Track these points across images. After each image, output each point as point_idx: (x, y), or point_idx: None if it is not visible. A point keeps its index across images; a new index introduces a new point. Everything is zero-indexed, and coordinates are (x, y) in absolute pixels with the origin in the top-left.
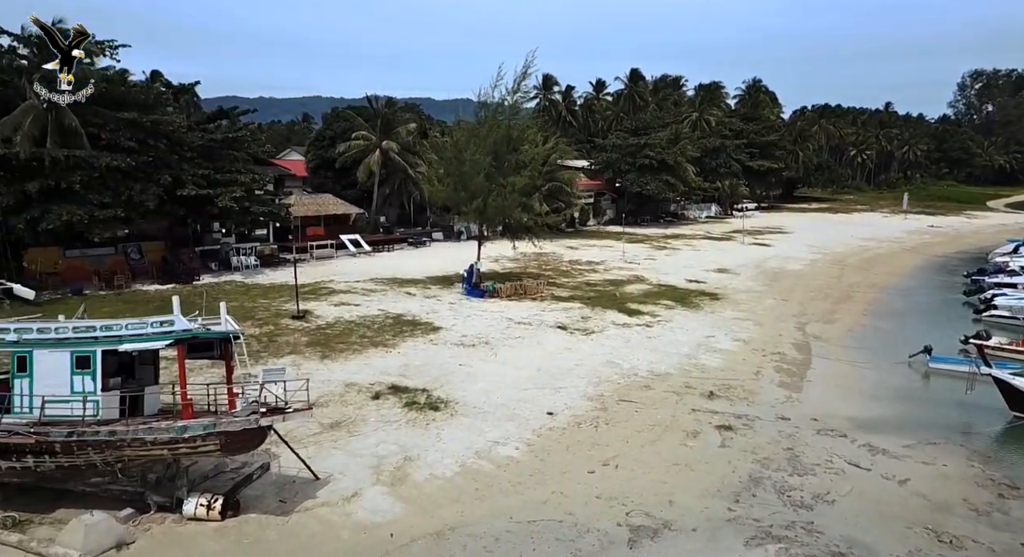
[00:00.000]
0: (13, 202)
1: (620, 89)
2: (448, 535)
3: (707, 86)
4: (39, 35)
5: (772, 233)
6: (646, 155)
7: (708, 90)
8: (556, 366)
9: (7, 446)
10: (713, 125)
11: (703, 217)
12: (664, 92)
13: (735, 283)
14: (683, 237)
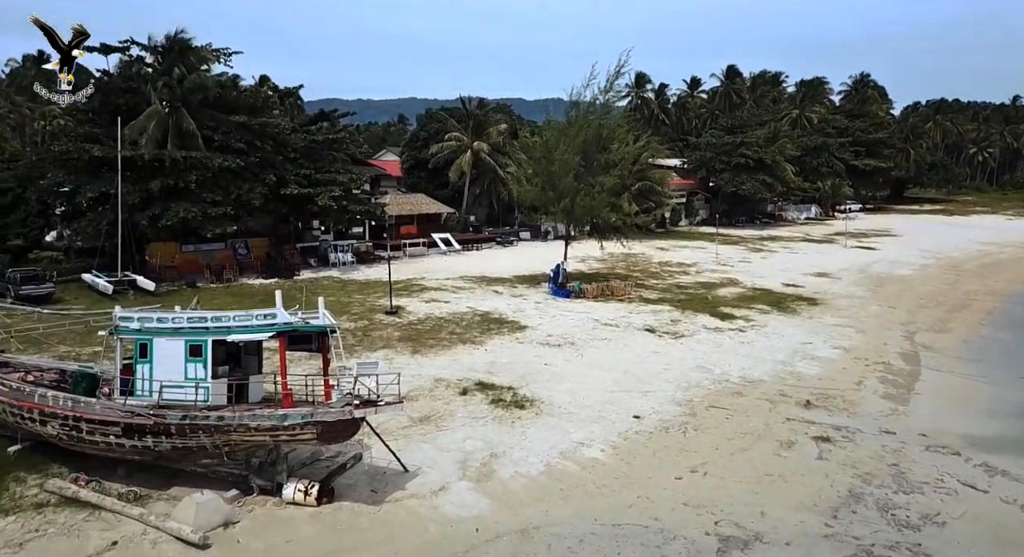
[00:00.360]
0: (138, 200)
1: (716, 86)
2: (533, 534)
3: (809, 82)
4: (163, 45)
5: (878, 236)
6: (742, 154)
7: (810, 86)
8: (643, 369)
9: (131, 426)
10: (815, 122)
11: (802, 218)
12: (762, 89)
13: (836, 288)
14: (780, 239)
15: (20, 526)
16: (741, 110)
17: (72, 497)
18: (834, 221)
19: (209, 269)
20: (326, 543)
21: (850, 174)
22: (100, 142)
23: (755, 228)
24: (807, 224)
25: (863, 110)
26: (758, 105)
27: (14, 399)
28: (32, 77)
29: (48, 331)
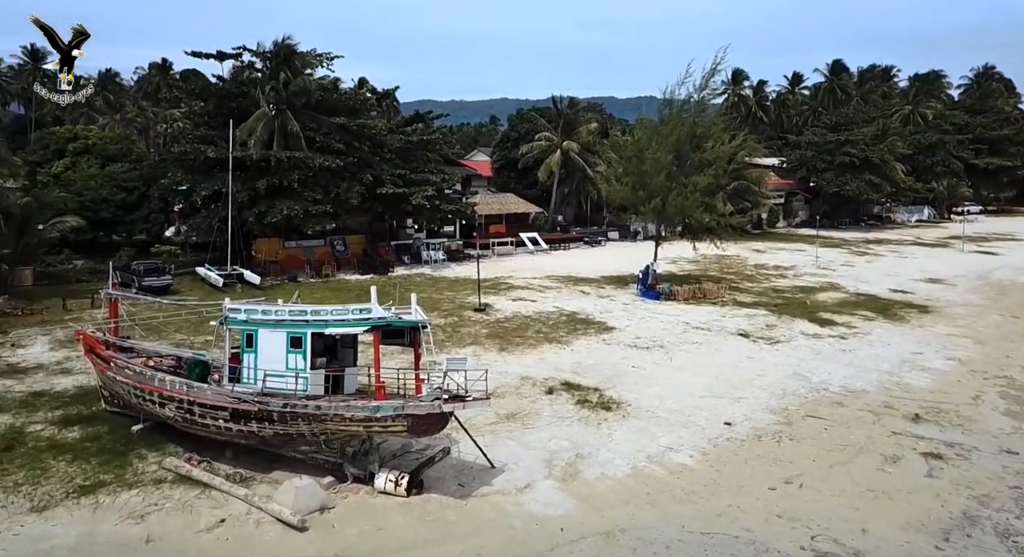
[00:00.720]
0: (246, 198)
1: (819, 82)
2: (618, 536)
3: (923, 76)
4: (271, 51)
5: (1001, 240)
6: (846, 152)
7: (925, 81)
8: (736, 375)
9: (237, 411)
10: (930, 119)
11: (913, 220)
12: (870, 84)
13: (950, 295)
14: (888, 242)
15: (141, 499)
16: (847, 107)
17: (186, 475)
18: (950, 224)
19: (309, 265)
20: (414, 533)
21: (969, 173)
22: (214, 144)
23: (860, 230)
24: (919, 227)
25: (986, 105)
26: (865, 101)
27: (138, 382)
28: (157, 83)
29: (166, 320)
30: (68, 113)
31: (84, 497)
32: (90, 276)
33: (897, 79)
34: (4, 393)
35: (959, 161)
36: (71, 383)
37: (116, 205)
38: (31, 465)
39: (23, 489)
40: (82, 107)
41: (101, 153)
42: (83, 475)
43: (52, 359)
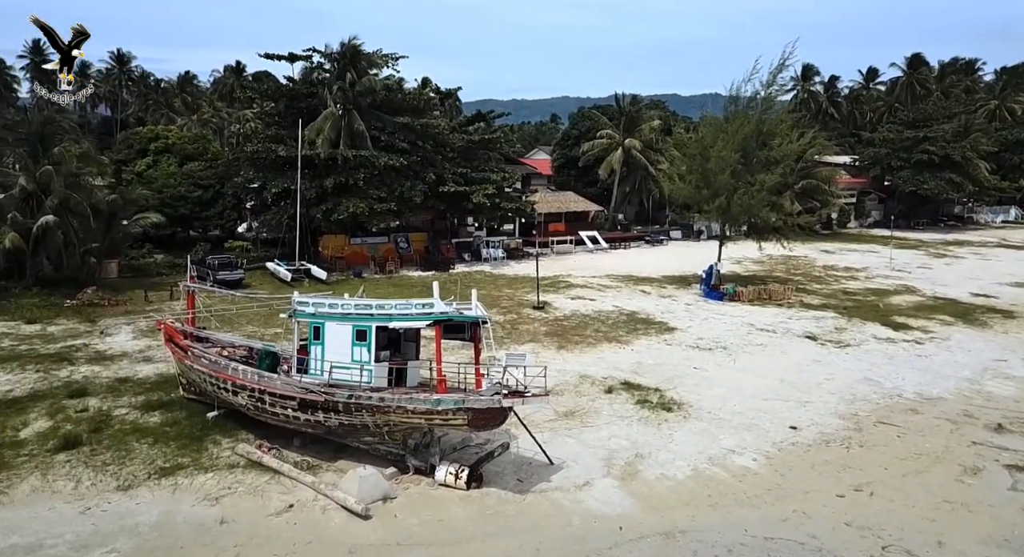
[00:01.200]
0: (314, 195)
1: (896, 77)
2: (678, 537)
3: (1012, 69)
4: (339, 52)
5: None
6: (925, 150)
7: (1013, 73)
8: (802, 378)
9: (305, 401)
10: (1018, 114)
11: (998, 221)
12: (952, 78)
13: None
14: (969, 244)
15: (216, 483)
16: (925, 102)
17: (257, 461)
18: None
19: (374, 261)
20: (474, 526)
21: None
22: (284, 143)
23: (938, 231)
24: (1004, 228)
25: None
26: (947, 96)
27: (213, 370)
28: (231, 85)
29: (239, 312)
30: (150, 115)
31: (164, 478)
32: (169, 269)
33: (982, 73)
34: (93, 378)
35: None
36: (152, 371)
37: (193, 202)
38: (117, 446)
39: (110, 468)
40: (162, 109)
41: (180, 152)
42: (163, 458)
43: (135, 347)
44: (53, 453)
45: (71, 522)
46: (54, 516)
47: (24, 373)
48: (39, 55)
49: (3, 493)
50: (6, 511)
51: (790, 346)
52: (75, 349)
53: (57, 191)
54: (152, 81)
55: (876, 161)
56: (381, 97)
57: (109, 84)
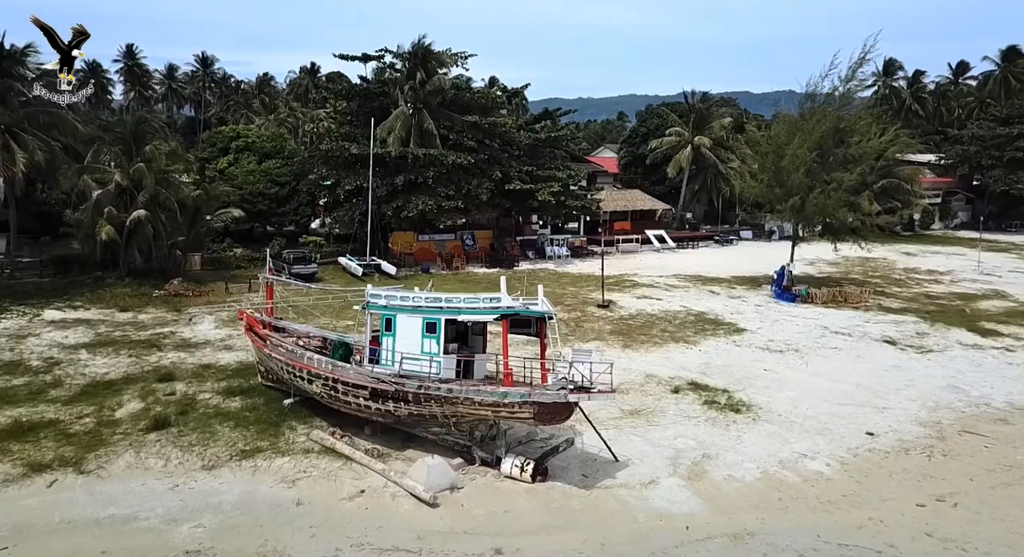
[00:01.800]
0: (385, 193)
1: (988, 71)
2: (747, 540)
3: None
4: (409, 51)
5: None
6: (1019, 147)
7: None
8: (880, 384)
9: (376, 390)
10: None
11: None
12: None
13: None
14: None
15: (293, 466)
16: (1021, 98)
17: (330, 448)
18: None
19: (440, 257)
20: (539, 518)
21: None
22: (356, 141)
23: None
24: None
25: None
26: None
27: (290, 359)
28: (306, 85)
29: (315, 304)
30: (230, 115)
31: (245, 460)
32: (247, 263)
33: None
34: (179, 364)
35: None
36: (233, 358)
37: (270, 198)
38: (202, 429)
39: (196, 449)
40: (242, 109)
41: (259, 150)
42: (244, 441)
43: (217, 336)
44: (145, 433)
45: (161, 497)
46: (146, 491)
47: (119, 357)
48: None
49: (101, 468)
50: (105, 484)
51: (867, 350)
52: (163, 336)
53: (148, 187)
54: (232, 83)
55: (964, 159)
56: (451, 96)
57: (194, 86)
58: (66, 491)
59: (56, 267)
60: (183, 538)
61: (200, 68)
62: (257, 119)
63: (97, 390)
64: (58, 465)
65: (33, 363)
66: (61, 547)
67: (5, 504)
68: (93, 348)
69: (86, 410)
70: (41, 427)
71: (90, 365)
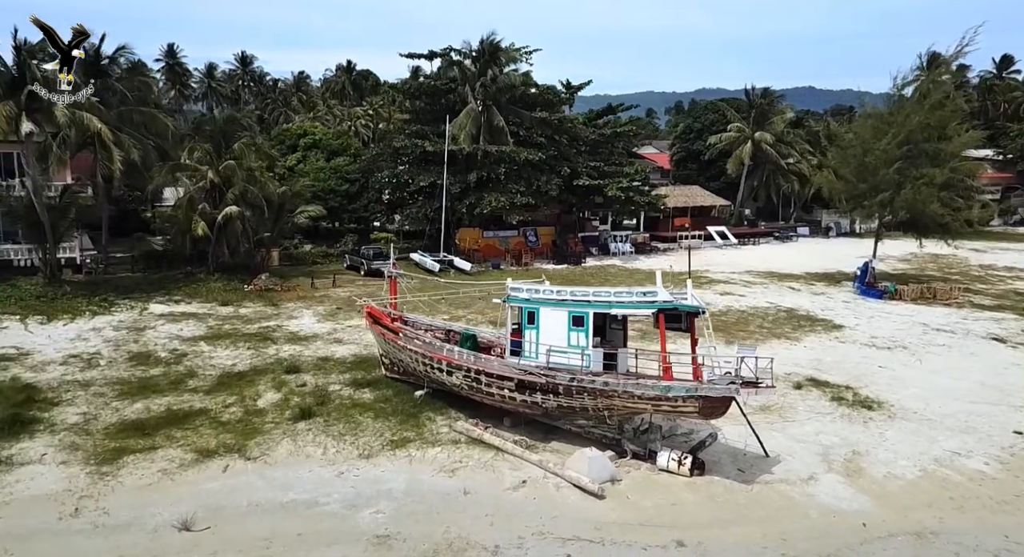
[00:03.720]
0: (458, 190)
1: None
2: (931, 539)
3: None
4: (476, 49)
5: None
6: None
7: None
8: (1006, 382)
9: (523, 382)
10: None
11: None
12: None
13: None
14: None
15: (447, 456)
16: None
17: (477, 438)
18: None
19: (508, 253)
20: (708, 512)
21: None
22: (428, 139)
23: None
24: None
25: None
26: None
27: (428, 351)
28: (343, 83)
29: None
30: (268, 113)
31: (398, 449)
32: (323, 258)
33: None
34: (298, 356)
35: None
36: (347, 351)
37: (341, 195)
38: (345, 419)
39: (347, 438)
40: (280, 107)
41: (326, 148)
42: (390, 431)
43: (323, 330)
44: (293, 422)
45: (331, 483)
46: (315, 477)
47: (238, 350)
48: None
49: (265, 455)
50: (274, 470)
51: (977, 348)
52: (271, 330)
53: (238, 184)
54: (270, 81)
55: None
56: (519, 93)
57: (233, 84)
58: (241, 476)
59: (146, 262)
60: (367, 523)
61: (240, 66)
62: (296, 117)
63: (231, 381)
64: (223, 451)
65: (162, 354)
66: (258, 528)
67: (190, 487)
68: (211, 340)
69: (229, 400)
70: (194, 415)
71: (215, 357)
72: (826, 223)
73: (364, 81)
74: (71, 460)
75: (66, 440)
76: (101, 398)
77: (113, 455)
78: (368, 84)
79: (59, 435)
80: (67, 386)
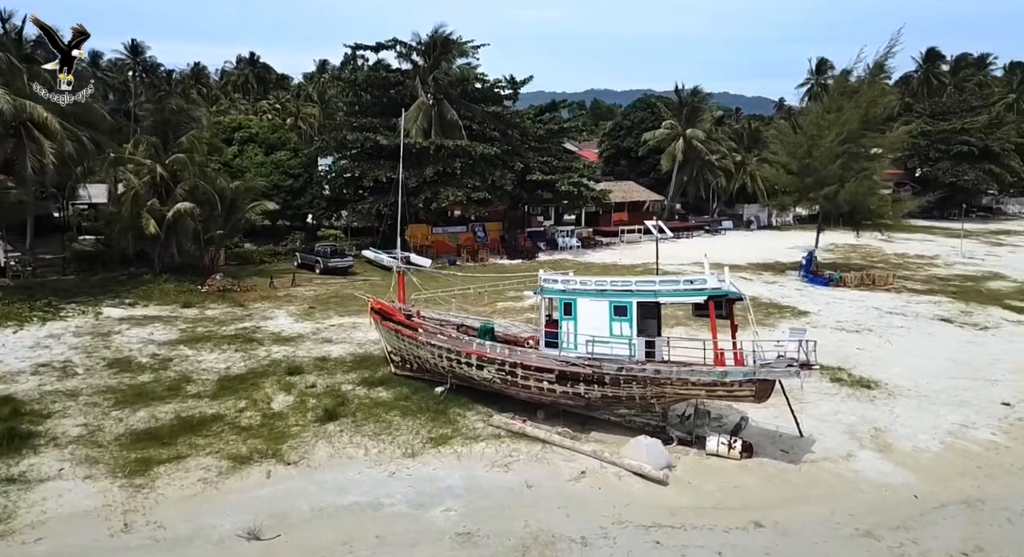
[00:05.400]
0: (414, 185)
1: (910, 71)
2: (980, 506)
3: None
4: (426, 41)
5: None
6: (964, 141)
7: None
8: (972, 358)
9: (564, 373)
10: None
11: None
12: (964, 73)
13: None
14: (1016, 233)
15: (495, 451)
16: (940, 96)
17: (518, 432)
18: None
19: (463, 249)
20: (770, 492)
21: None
22: (378, 131)
23: (973, 222)
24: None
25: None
26: (961, 90)
27: (455, 346)
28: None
29: (433, 292)
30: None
31: (441, 447)
32: (271, 257)
33: (993, 67)
34: (291, 357)
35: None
36: (342, 351)
37: (285, 191)
38: (374, 419)
39: (383, 438)
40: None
41: (264, 142)
42: (424, 429)
43: (305, 330)
44: (320, 424)
45: (386, 484)
46: (367, 479)
47: (226, 352)
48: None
49: (304, 458)
50: (321, 474)
51: (931, 328)
52: (251, 331)
53: (190, 179)
54: (163, 73)
55: (915, 152)
56: (471, 87)
57: (122, 75)
58: (289, 481)
59: (79, 264)
60: (443, 521)
61: (129, 56)
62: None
63: (233, 385)
64: (259, 457)
65: (143, 360)
66: (332, 533)
67: (239, 495)
68: (190, 344)
69: (240, 404)
70: (209, 421)
71: (203, 360)
72: (747, 217)
73: (268, 74)
74: (96, 474)
75: (78, 453)
76: (96, 408)
77: (140, 466)
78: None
79: (66, 449)
80: (51, 397)
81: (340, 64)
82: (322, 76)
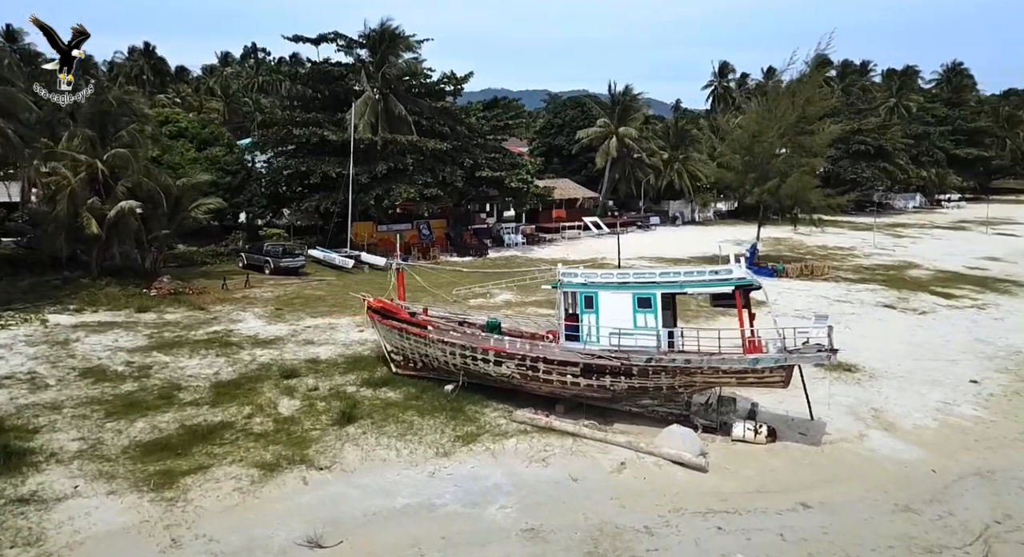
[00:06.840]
0: (365, 181)
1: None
2: (994, 476)
3: (900, 72)
4: (368, 36)
5: (1007, 224)
6: (861, 141)
7: (903, 75)
8: (925, 341)
9: (590, 366)
10: (913, 111)
11: (910, 207)
12: (850, 78)
13: None
14: (909, 226)
15: (528, 447)
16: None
17: (544, 426)
18: (941, 210)
19: (414, 247)
20: (804, 474)
21: (950, 163)
22: (324, 126)
23: (867, 216)
24: (916, 213)
25: (960, 98)
26: (847, 94)
27: (472, 343)
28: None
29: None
30: None
31: (472, 445)
32: (213, 258)
33: (873, 73)
34: (280, 360)
35: (941, 151)
36: (330, 352)
37: (223, 188)
38: (393, 420)
39: (410, 438)
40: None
41: (195, 137)
42: (448, 427)
43: (281, 332)
44: (340, 427)
45: (430, 484)
46: (408, 480)
47: (207, 358)
48: None
49: (335, 463)
50: (360, 478)
51: (879, 314)
52: (224, 335)
53: (132, 176)
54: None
55: None
56: (419, 81)
57: None
58: (328, 486)
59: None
60: (502, 519)
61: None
62: None
63: (229, 390)
64: (286, 463)
65: (118, 369)
66: (395, 537)
67: (282, 503)
68: (164, 350)
69: (244, 410)
70: (218, 430)
71: (186, 367)
72: (672, 213)
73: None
74: (118, 489)
75: (88, 469)
76: (87, 420)
77: (164, 479)
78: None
79: (72, 464)
80: (31, 411)
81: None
82: (224, 69)
